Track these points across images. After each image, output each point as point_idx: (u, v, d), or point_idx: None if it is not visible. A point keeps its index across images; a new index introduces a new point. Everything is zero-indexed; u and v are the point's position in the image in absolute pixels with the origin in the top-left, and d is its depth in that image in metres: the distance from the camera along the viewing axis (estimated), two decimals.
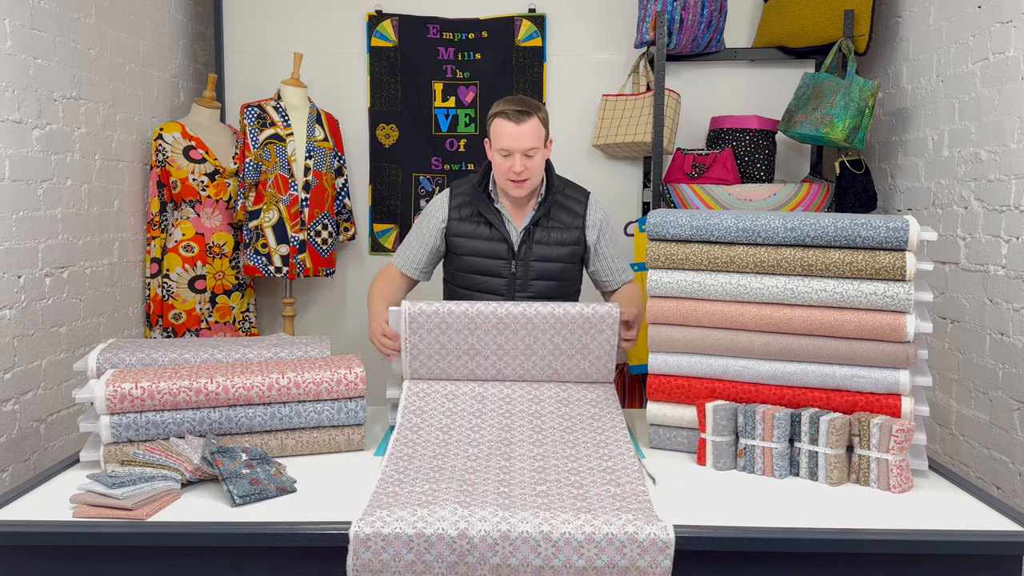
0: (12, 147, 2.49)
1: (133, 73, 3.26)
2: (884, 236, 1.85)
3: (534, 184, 2.39)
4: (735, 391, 2.00)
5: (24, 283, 2.55)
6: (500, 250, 2.44)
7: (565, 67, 3.82)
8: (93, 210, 2.95)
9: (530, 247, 2.43)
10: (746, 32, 3.75)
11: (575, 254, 2.48)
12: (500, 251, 2.44)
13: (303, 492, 1.77)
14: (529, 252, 2.43)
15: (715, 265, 1.99)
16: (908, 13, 3.18)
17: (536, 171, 2.37)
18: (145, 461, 1.78)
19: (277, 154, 3.38)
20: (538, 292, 2.44)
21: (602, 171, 3.85)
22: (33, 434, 2.60)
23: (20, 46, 2.53)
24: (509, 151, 2.32)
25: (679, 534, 1.56)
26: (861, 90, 3.12)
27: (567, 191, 2.51)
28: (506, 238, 2.43)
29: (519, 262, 2.43)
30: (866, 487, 1.83)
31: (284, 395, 1.96)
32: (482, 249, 2.45)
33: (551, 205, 2.45)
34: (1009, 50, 2.50)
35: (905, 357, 1.88)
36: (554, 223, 2.45)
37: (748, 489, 1.81)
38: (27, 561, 1.62)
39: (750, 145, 3.44)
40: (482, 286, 2.46)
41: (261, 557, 1.60)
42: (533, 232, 2.44)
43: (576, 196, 2.51)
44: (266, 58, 3.77)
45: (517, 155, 2.32)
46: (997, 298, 2.53)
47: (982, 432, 2.61)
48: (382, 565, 1.54)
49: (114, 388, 1.86)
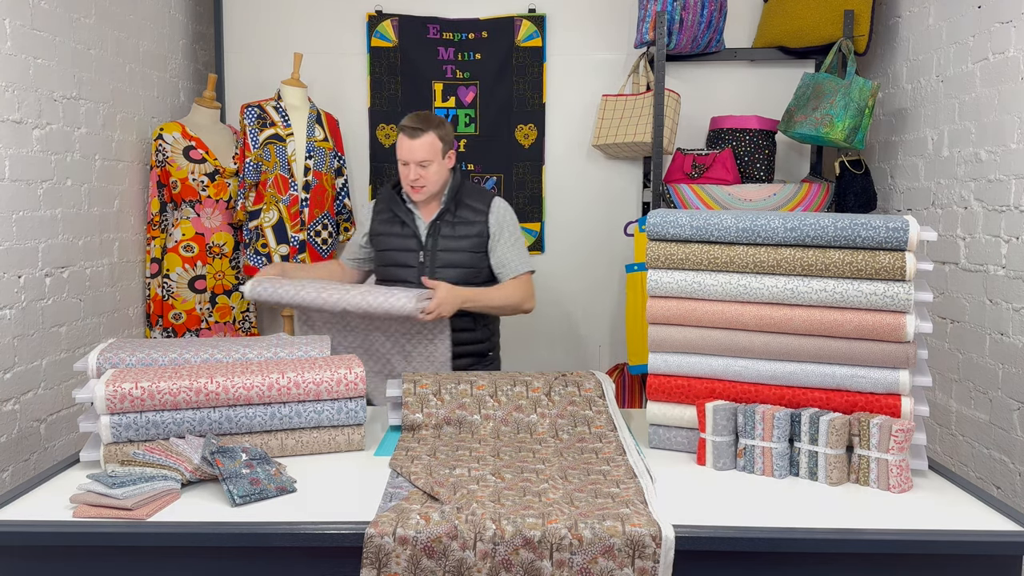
0: (12, 147, 2.49)
1: (133, 73, 3.26)
2: (884, 236, 1.85)
3: (431, 190, 2.69)
4: (735, 391, 2.00)
5: (24, 283, 2.55)
6: (411, 243, 2.74)
7: (565, 67, 3.82)
8: (93, 210, 2.95)
9: (436, 239, 2.72)
10: (746, 32, 3.75)
11: (479, 244, 2.73)
12: (410, 244, 2.74)
13: (303, 492, 1.77)
14: (436, 244, 2.71)
15: (715, 265, 1.99)
16: (908, 13, 3.18)
17: (431, 179, 2.67)
18: (145, 461, 1.78)
19: (277, 154, 3.38)
20: (445, 279, 2.64)
21: (602, 171, 3.85)
22: (33, 434, 2.60)
23: (20, 46, 2.53)
24: (405, 161, 2.65)
25: (679, 534, 1.56)
26: (861, 90, 3.12)
27: (474, 194, 2.79)
28: (416, 233, 2.73)
29: (427, 252, 2.72)
30: (866, 487, 1.83)
31: (284, 395, 1.96)
32: (396, 244, 2.76)
33: (457, 204, 2.74)
34: (1009, 50, 2.50)
35: (905, 357, 1.88)
36: (459, 219, 2.73)
37: (748, 489, 1.81)
38: (27, 561, 1.62)
39: (750, 145, 3.44)
40: (396, 276, 2.75)
41: (261, 557, 1.60)
42: (440, 227, 2.72)
43: (481, 196, 2.79)
44: (266, 58, 3.78)
45: (412, 165, 2.65)
46: (997, 298, 2.53)
47: (982, 432, 2.61)
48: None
49: (114, 388, 1.86)
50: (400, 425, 2.18)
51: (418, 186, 2.67)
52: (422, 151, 2.63)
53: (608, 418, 2.16)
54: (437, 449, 1.99)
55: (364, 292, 2.48)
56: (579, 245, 3.87)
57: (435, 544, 1.54)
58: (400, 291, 2.49)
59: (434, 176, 2.67)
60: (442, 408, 2.15)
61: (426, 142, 2.64)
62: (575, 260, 3.88)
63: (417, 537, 1.54)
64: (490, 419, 2.14)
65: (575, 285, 3.88)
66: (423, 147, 2.63)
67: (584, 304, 3.89)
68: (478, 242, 2.73)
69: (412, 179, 2.66)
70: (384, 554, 1.54)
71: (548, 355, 3.88)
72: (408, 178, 2.67)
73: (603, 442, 2.04)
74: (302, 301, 2.53)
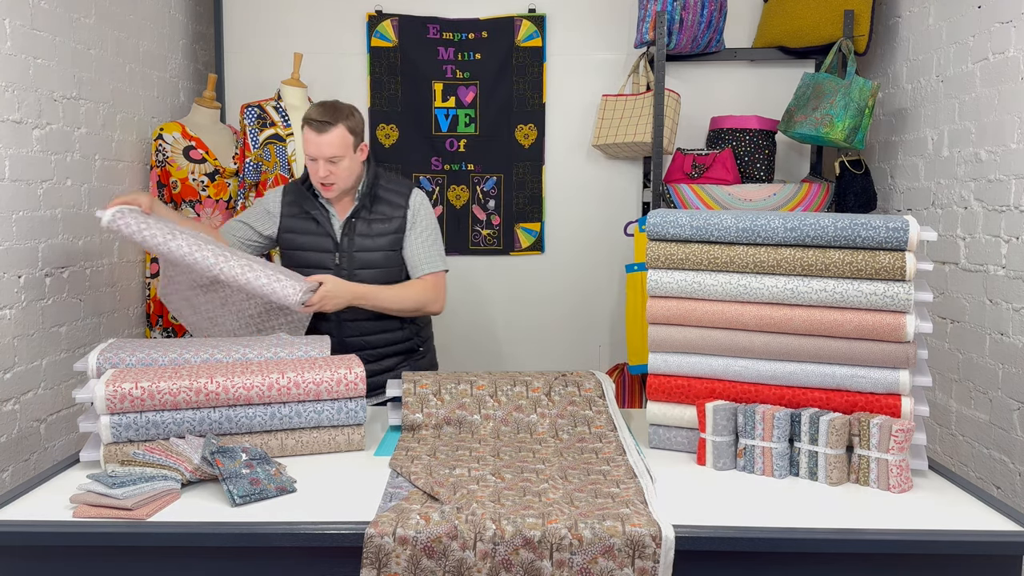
0: (12, 147, 2.49)
1: (133, 73, 3.26)
2: (884, 236, 1.85)
3: (343, 187, 2.53)
4: (735, 391, 2.00)
5: (24, 283, 2.55)
6: (325, 244, 2.58)
7: (565, 67, 3.83)
8: (93, 210, 2.95)
9: (352, 239, 2.57)
10: (746, 32, 3.75)
11: (397, 242, 2.59)
12: (325, 244, 2.58)
13: (303, 492, 1.77)
14: (351, 244, 2.57)
15: (715, 265, 1.99)
16: (908, 13, 3.18)
17: (342, 176, 2.50)
18: (145, 461, 1.78)
19: (277, 154, 3.38)
20: (363, 281, 2.53)
21: (602, 171, 3.85)
22: (33, 434, 2.60)
23: (20, 46, 2.53)
24: (313, 157, 2.47)
25: (679, 534, 1.56)
26: (861, 90, 3.12)
27: (390, 185, 2.63)
28: (329, 232, 2.58)
29: (343, 254, 2.57)
30: (866, 487, 1.83)
31: (284, 395, 1.96)
32: (309, 243, 2.60)
33: (372, 199, 2.58)
34: (1009, 50, 2.50)
35: (905, 357, 1.88)
36: (376, 215, 2.58)
37: (748, 489, 1.81)
38: (27, 561, 1.62)
39: (750, 145, 3.44)
40: None
41: (261, 557, 1.60)
42: (355, 225, 2.57)
43: (399, 189, 2.63)
44: (266, 58, 3.78)
45: (321, 161, 2.47)
46: (997, 298, 2.53)
47: (982, 432, 2.61)
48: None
49: (114, 388, 1.86)
50: (400, 425, 2.18)
51: (328, 183, 2.50)
52: (331, 147, 2.45)
53: (608, 418, 2.16)
54: (437, 449, 1.99)
55: (245, 266, 2.27)
56: (579, 245, 3.87)
57: (435, 544, 1.54)
58: (285, 276, 2.31)
59: (345, 172, 2.50)
60: (442, 408, 2.15)
61: (335, 136, 2.45)
62: (575, 260, 3.88)
63: (417, 537, 1.54)
64: (490, 419, 2.14)
65: (575, 285, 3.89)
66: (332, 142, 2.45)
67: (584, 304, 3.89)
68: (396, 239, 2.59)
69: (322, 176, 2.48)
70: (384, 554, 1.54)
71: (548, 355, 3.88)
72: (317, 175, 2.49)
73: (603, 442, 2.04)
74: (170, 252, 2.26)
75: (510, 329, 3.92)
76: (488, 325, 3.90)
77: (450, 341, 3.85)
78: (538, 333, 3.90)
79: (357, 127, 2.51)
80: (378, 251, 2.57)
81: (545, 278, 3.90)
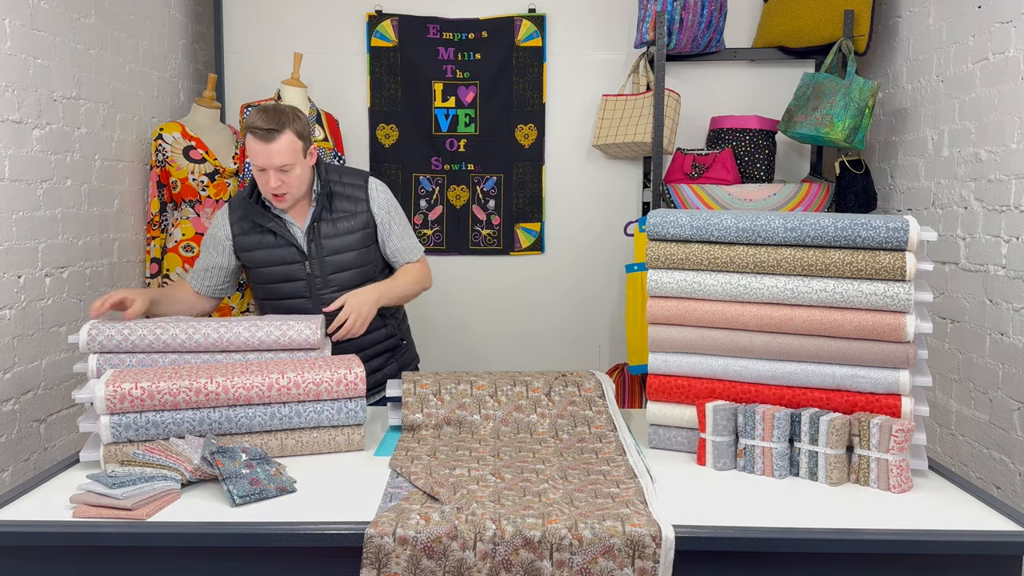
0: (12, 147, 2.49)
1: (133, 73, 3.26)
2: (884, 236, 1.85)
3: (296, 195, 2.38)
4: (735, 391, 2.00)
5: (24, 283, 2.55)
6: (290, 255, 2.43)
7: (565, 67, 3.82)
8: (93, 210, 2.95)
9: (319, 244, 2.43)
10: (746, 32, 3.75)
11: (367, 237, 2.49)
12: (291, 255, 2.43)
13: (303, 492, 1.77)
14: (320, 249, 2.43)
15: (715, 265, 1.99)
16: (908, 13, 3.18)
17: (295, 184, 2.35)
18: (145, 461, 1.78)
19: None
20: (341, 284, 2.44)
21: (602, 171, 3.85)
22: (33, 434, 2.60)
23: (20, 46, 2.53)
24: (262, 168, 2.31)
25: (679, 534, 1.56)
26: (861, 90, 3.12)
27: (344, 179, 2.49)
28: (293, 242, 2.42)
29: (312, 261, 2.43)
30: (866, 487, 1.83)
31: (284, 395, 1.96)
32: (273, 258, 2.44)
33: (330, 198, 2.45)
34: (1009, 50, 2.50)
35: (905, 357, 1.88)
36: (338, 213, 2.45)
37: (748, 489, 1.81)
38: (27, 561, 1.62)
39: (750, 145, 3.44)
40: (283, 293, 2.46)
41: (261, 557, 1.60)
42: (319, 228, 2.43)
43: (354, 181, 2.50)
44: (266, 58, 3.77)
45: (271, 171, 2.31)
46: (997, 298, 2.53)
47: (982, 432, 2.61)
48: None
49: (114, 388, 1.86)
50: (400, 425, 2.18)
51: (280, 193, 2.34)
52: (280, 155, 2.28)
53: (608, 418, 2.16)
54: (437, 449, 1.99)
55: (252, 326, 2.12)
56: (579, 245, 3.87)
57: (435, 544, 1.54)
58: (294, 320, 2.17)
59: (297, 181, 2.35)
60: (442, 408, 2.15)
61: (284, 143, 2.28)
62: (575, 260, 3.88)
63: (417, 537, 1.54)
64: (490, 419, 2.14)
65: (575, 285, 3.89)
66: (281, 150, 2.28)
67: (584, 304, 3.89)
68: (364, 235, 2.47)
69: (273, 187, 2.32)
70: (384, 554, 1.54)
71: (548, 355, 3.88)
72: (268, 186, 2.32)
73: (603, 442, 2.04)
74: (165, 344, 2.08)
75: (510, 329, 3.92)
76: (488, 325, 3.90)
77: (450, 341, 3.85)
78: (538, 333, 3.90)
79: (304, 131, 2.36)
80: (350, 251, 2.46)
81: (545, 278, 3.90)
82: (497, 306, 3.90)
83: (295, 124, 2.32)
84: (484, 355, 3.88)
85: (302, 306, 2.46)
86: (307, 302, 2.46)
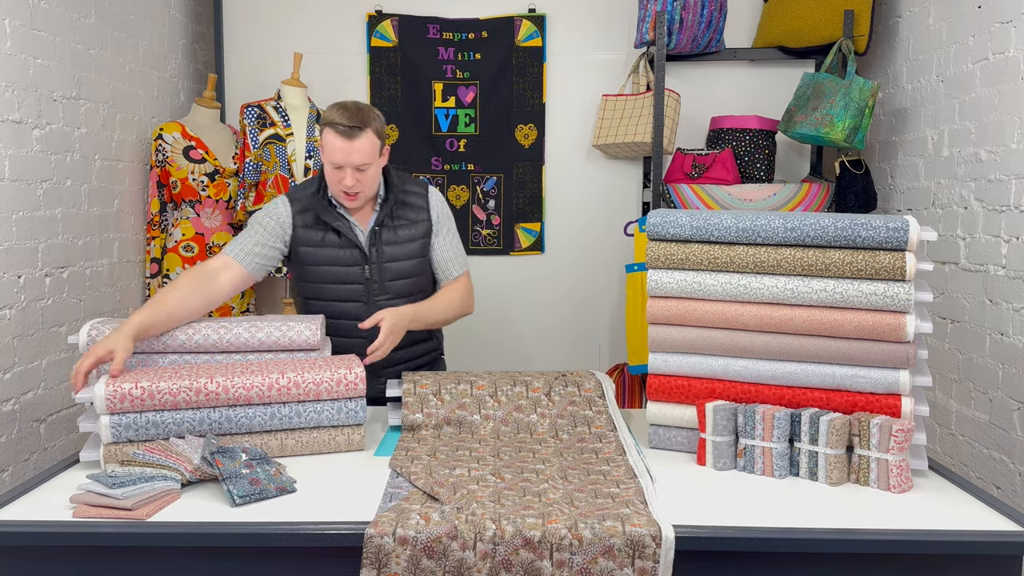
0: (12, 147, 2.49)
1: (133, 73, 3.26)
2: (884, 236, 1.85)
3: (368, 195, 2.33)
4: (735, 391, 2.00)
5: (24, 283, 2.55)
6: (352, 257, 2.36)
7: (565, 67, 3.83)
8: (93, 210, 2.95)
9: (380, 249, 2.37)
10: (746, 32, 3.75)
11: (426, 247, 2.44)
12: (353, 257, 2.36)
13: (303, 492, 1.77)
14: (380, 255, 2.37)
15: (715, 265, 1.99)
16: (908, 13, 3.18)
17: (369, 184, 2.30)
18: (145, 461, 1.78)
19: (277, 154, 3.38)
20: (397, 293, 2.39)
21: (602, 171, 3.85)
22: (33, 434, 2.60)
23: (20, 46, 2.53)
24: (339, 165, 2.25)
25: (679, 534, 1.56)
26: (861, 90, 3.12)
27: (407, 187, 2.44)
28: (357, 243, 2.36)
29: (372, 266, 2.37)
30: (866, 487, 1.83)
31: (284, 395, 1.96)
32: (334, 257, 2.36)
33: (393, 204, 2.39)
34: (1009, 50, 2.50)
35: (905, 357, 1.88)
36: (399, 221, 2.40)
37: (748, 489, 1.81)
38: (27, 561, 1.62)
39: (750, 145, 3.44)
40: (338, 295, 2.38)
41: (261, 557, 1.60)
42: (380, 233, 2.38)
43: (416, 190, 2.45)
44: (266, 58, 3.78)
45: (348, 169, 2.25)
46: (997, 298, 2.53)
47: (982, 432, 2.61)
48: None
49: (114, 388, 1.86)
50: (400, 425, 2.18)
51: (354, 192, 2.28)
52: (360, 153, 2.23)
53: (608, 418, 2.16)
54: (437, 449, 1.99)
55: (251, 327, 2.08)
56: (579, 245, 3.87)
57: (435, 544, 1.54)
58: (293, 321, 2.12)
59: (371, 180, 2.30)
60: (442, 408, 2.15)
61: (365, 142, 2.24)
62: (575, 260, 3.88)
63: (417, 537, 1.54)
64: (490, 419, 2.14)
65: (575, 285, 3.89)
66: (362, 148, 2.23)
67: (584, 304, 3.89)
68: (423, 244, 2.42)
69: (348, 185, 2.26)
70: (384, 554, 1.54)
71: (548, 355, 3.88)
72: (343, 184, 2.26)
73: (603, 442, 2.04)
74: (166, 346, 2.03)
75: (510, 329, 3.92)
76: (488, 325, 3.90)
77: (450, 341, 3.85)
78: (538, 333, 3.90)
79: (383, 130, 2.31)
80: (409, 259, 2.40)
81: (545, 278, 3.90)
82: (497, 306, 3.90)
83: (375, 123, 2.28)
84: (484, 355, 3.88)
85: (354, 311, 2.37)
86: (362, 307, 2.38)
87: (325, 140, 2.26)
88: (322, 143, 2.29)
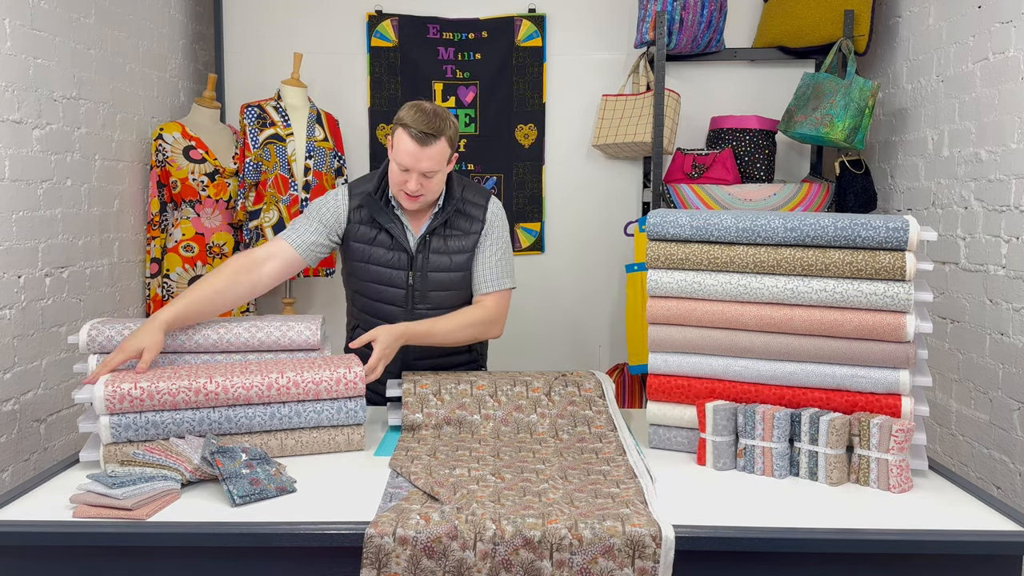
0: (12, 147, 2.49)
1: (133, 73, 3.26)
2: (884, 236, 1.85)
3: (428, 200, 2.29)
4: (735, 391, 2.00)
5: (24, 283, 2.55)
6: (400, 260, 2.33)
7: (565, 67, 3.83)
8: (93, 210, 2.95)
9: (427, 257, 2.33)
10: (746, 32, 3.75)
11: (472, 260, 2.38)
12: (400, 261, 2.33)
13: (303, 492, 1.77)
14: (426, 262, 2.33)
15: (715, 265, 1.99)
16: (908, 13, 3.18)
17: (433, 190, 2.26)
18: (145, 461, 1.78)
19: (277, 154, 3.38)
20: (437, 303, 2.35)
21: (602, 171, 3.85)
22: (33, 434, 2.60)
23: (20, 46, 2.53)
24: (407, 168, 2.21)
25: (679, 534, 1.56)
26: (861, 90, 3.12)
27: (467, 195, 2.37)
28: (406, 248, 2.32)
29: (416, 273, 2.33)
30: (866, 487, 1.83)
31: (284, 395, 1.96)
32: (382, 258, 2.34)
33: (451, 213, 2.34)
34: (1009, 50, 2.50)
35: (905, 357, 1.88)
36: (452, 230, 2.35)
37: (748, 489, 1.81)
38: (27, 561, 1.62)
39: (750, 145, 3.44)
40: (381, 296, 2.36)
41: (261, 557, 1.60)
42: (430, 241, 2.33)
43: (477, 200, 2.38)
44: (266, 58, 3.78)
45: (415, 174, 2.21)
46: (997, 298, 2.53)
47: (982, 432, 2.61)
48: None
49: (113, 388, 1.86)
50: (400, 425, 2.18)
51: (416, 195, 2.25)
52: (431, 161, 2.19)
53: (608, 418, 2.16)
54: (437, 449, 1.99)
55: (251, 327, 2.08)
56: (579, 245, 3.87)
57: (435, 544, 1.54)
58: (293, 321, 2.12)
59: (436, 186, 2.26)
60: (442, 408, 2.15)
61: (438, 150, 2.20)
62: (575, 260, 3.88)
63: (417, 537, 1.54)
64: (490, 419, 2.14)
65: (575, 285, 3.89)
66: (433, 156, 2.19)
67: (584, 304, 3.89)
68: (471, 258, 2.38)
69: (412, 189, 2.22)
70: (384, 554, 1.54)
71: (548, 355, 3.88)
72: (407, 187, 2.22)
73: (603, 442, 2.04)
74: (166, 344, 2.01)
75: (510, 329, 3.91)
76: None
77: None
78: (538, 333, 3.90)
79: (454, 138, 2.26)
80: (455, 271, 2.34)
81: (545, 278, 3.90)
82: None
83: (450, 131, 2.23)
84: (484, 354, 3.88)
85: (394, 315, 2.34)
86: (401, 312, 2.34)
87: (397, 140, 2.21)
88: (392, 141, 2.24)
